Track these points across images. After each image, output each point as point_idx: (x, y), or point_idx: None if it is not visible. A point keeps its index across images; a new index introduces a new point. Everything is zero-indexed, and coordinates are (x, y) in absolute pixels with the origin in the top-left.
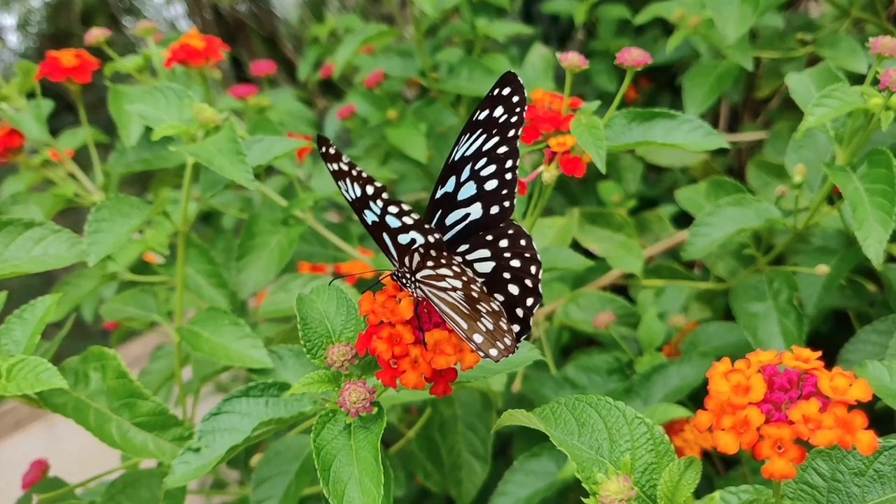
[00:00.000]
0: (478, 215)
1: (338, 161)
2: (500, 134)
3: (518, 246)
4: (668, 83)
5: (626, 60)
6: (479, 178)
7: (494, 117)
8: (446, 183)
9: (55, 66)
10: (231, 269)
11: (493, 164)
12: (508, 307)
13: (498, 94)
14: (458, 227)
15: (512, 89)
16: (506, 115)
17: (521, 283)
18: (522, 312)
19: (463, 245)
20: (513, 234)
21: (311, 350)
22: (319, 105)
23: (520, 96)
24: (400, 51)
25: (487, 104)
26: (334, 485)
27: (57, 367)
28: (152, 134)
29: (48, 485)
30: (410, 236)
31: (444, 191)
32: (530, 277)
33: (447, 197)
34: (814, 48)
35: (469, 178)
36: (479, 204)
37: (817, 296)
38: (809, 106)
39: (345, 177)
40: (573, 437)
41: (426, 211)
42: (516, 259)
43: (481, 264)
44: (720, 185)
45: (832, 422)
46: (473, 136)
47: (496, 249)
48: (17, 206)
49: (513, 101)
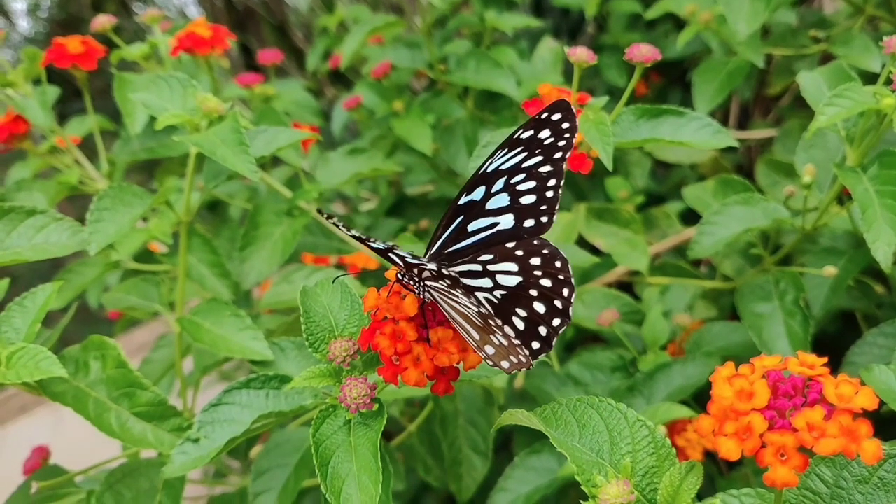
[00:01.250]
0: (508, 226)
1: None
2: (544, 154)
3: (552, 267)
4: (678, 78)
5: (635, 56)
6: (514, 191)
7: (539, 138)
8: (473, 191)
9: (61, 52)
10: (234, 260)
11: (532, 181)
12: (531, 324)
13: (546, 118)
14: (481, 234)
15: (563, 116)
16: (552, 139)
17: (549, 302)
18: (546, 331)
19: (486, 254)
20: (548, 255)
21: (313, 344)
22: (328, 95)
23: (570, 123)
24: (408, 42)
25: (533, 125)
26: (332, 481)
27: (57, 356)
28: (155, 123)
29: (49, 472)
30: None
31: (470, 198)
32: (561, 300)
33: (473, 205)
34: (826, 46)
35: (503, 190)
36: (511, 215)
37: (824, 297)
38: (821, 105)
39: None
40: (574, 439)
41: (444, 215)
42: (548, 279)
43: (506, 277)
44: (728, 184)
45: (837, 430)
46: (512, 152)
47: (526, 265)
48: (22, 192)
49: (562, 126)
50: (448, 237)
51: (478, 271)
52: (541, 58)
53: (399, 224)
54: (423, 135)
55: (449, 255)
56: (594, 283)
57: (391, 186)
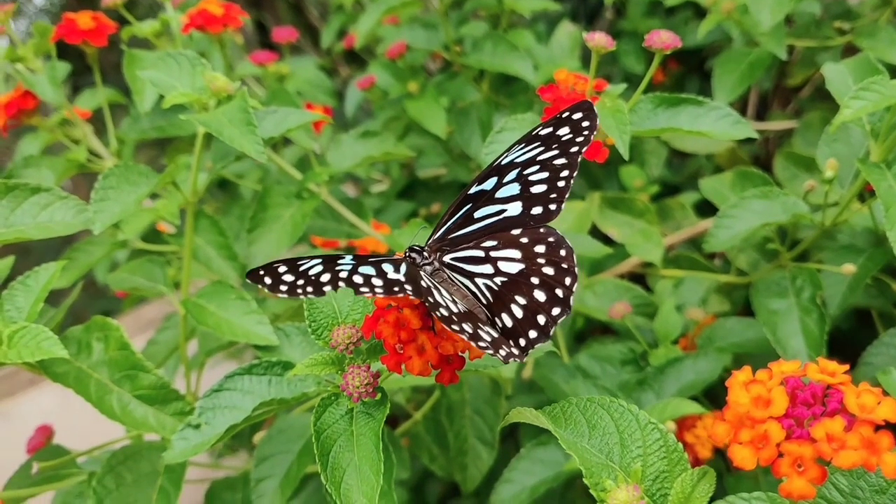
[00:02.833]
0: (515, 213)
1: (280, 279)
2: (560, 149)
3: (556, 255)
4: (697, 66)
5: (654, 43)
6: (526, 181)
7: (558, 135)
8: (485, 181)
9: (71, 27)
10: (242, 241)
11: (545, 172)
12: (531, 312)
13: (568, 117)
14: (486, 220)
15: (584, 116)
16: (571, 135)
17: (550, 291)
18: (544, 320)
19: (490, 241)
20: (553, 243)
21: (315, 331)
22: (343, 73)
23: (591, 122)
24: (424, 22)
25: (553, 123)
26: (332, 471)
27: (60, 336)
28: (163, 102)
29: (52, 451)
30: None
31: (481, 188)
32: (563, 288)
33: (482, 193)
34: (851, 37)
35: (515, 180)
36: (519, 203)
37: (841, 295)
38: (846, 99)
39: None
40: (583, 439)
41: (453, 202)
42: (551, 267)
43: (508, 264)
44: (746, 177)
45: (857, 442)
46: (530, 146)
47: (529, 253)
48: (30, 168)
49: (582, 125)
50: (454, 223)
51: (479, 257)
52: (558, 42)
53: (410, 207)
54: (436, 117)
55: (452, 241)
56: (606, 273)
57: (403, 169)
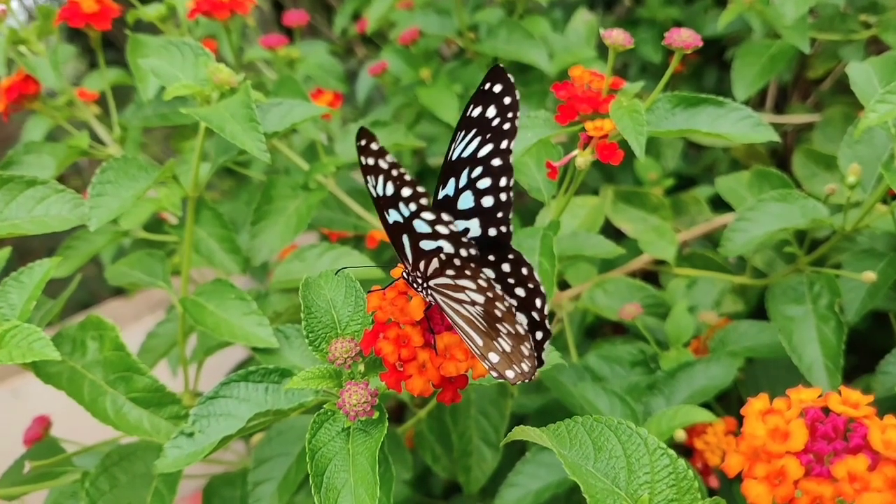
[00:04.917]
0: (477, 233)
1: (379, 157)
2: (493, 142)
3: (520, 274)
4: (716, 56)
5: (674, 42)
6: (476, 189)
7: (487, 118)
8: (447, 184)
9: (75, 10)
10: (244, 233)
11: (488, 177)
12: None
13: (489, 89)
14: None
15: (503, 87)
16: (498, 120)
17: (528, 314)
18: (528, 347)
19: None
20: (513, 260)
21: (313, 341)
22: (359, 55)
23: (511, 98)
24: (438, 7)
25: (480, 100)
26: (326, 492)
27: (54, 334)
28: (164, 93)
29: (47, 445)
30: (438, 244)
31: (445, 193)
32: (537, 311)
33: (448, 201)
34: (877, 31)
35: (466, 187)
36: (476, 221)
37: (860, 302)
38: (872, 102)
39: (379, 174)
40: (588, 462)
41: None
42: (521, 288)
43: None
44: (765, 177)
45: (882, 483)
46: (469, 134)
47: (500, 273)
48: (31, 155)
49: (504, 102)
50: None
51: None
52: (574, 30)
53: None
54: (449, 105)
55: None
56: (617, 270)
57: (414, 156)
